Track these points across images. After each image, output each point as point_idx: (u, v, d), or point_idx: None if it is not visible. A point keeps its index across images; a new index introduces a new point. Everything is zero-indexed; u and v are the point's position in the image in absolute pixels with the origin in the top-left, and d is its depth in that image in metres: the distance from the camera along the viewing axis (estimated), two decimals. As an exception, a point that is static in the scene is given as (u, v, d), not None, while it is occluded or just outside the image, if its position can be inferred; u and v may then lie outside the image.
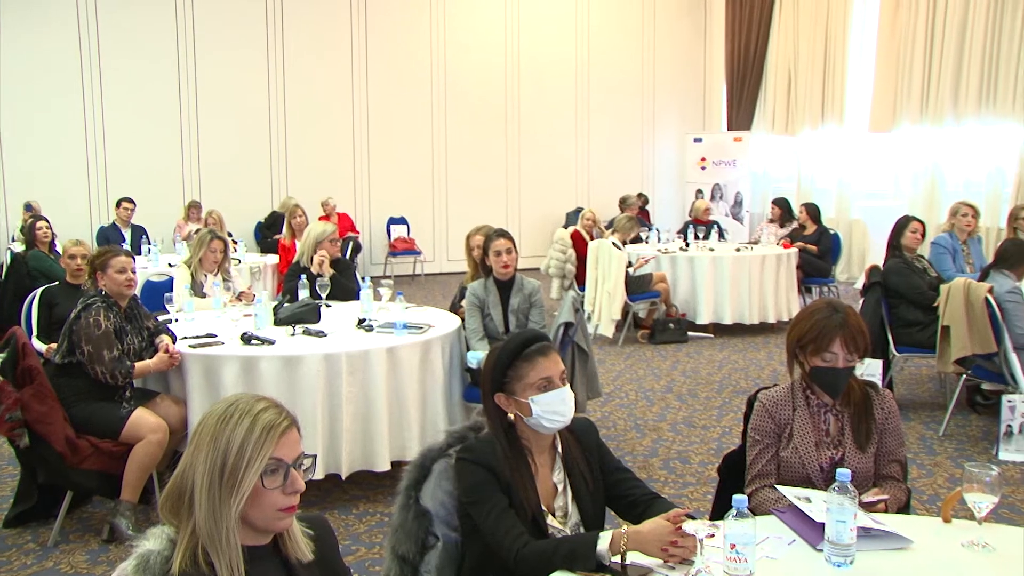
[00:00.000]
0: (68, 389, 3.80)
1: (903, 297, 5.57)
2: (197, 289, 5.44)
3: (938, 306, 5.17)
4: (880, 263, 5.92)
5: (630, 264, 7.96)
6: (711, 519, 2.57)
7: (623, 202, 11.27)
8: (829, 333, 2.44)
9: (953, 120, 10.10)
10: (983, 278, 5.18)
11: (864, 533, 2.00)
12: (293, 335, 4.33)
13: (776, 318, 8.24)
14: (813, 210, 9.27)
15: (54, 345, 4.20)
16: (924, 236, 5.97)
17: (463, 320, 4.78)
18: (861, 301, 5.75)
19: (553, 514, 2.22)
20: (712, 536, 2.01)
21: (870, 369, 4.88)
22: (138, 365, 3.90)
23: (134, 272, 4.03)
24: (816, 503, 2.14)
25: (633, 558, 1.94)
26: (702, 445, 5.13)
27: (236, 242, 8.32)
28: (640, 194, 12.34)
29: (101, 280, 3.94)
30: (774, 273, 8.21)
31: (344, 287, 5.45)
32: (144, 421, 3.80)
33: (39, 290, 5.30)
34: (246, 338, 4.14)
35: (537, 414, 2.17)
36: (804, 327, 2.51)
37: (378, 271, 12.14)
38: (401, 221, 12.37)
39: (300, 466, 1.60)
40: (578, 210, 11.69)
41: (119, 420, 3.78)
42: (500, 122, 13.09)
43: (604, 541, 1.95)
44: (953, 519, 2.17)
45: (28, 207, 9.37)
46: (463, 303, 4.92)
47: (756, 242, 9.34)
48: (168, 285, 5.59)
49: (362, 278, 5.41)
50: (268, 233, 10.97)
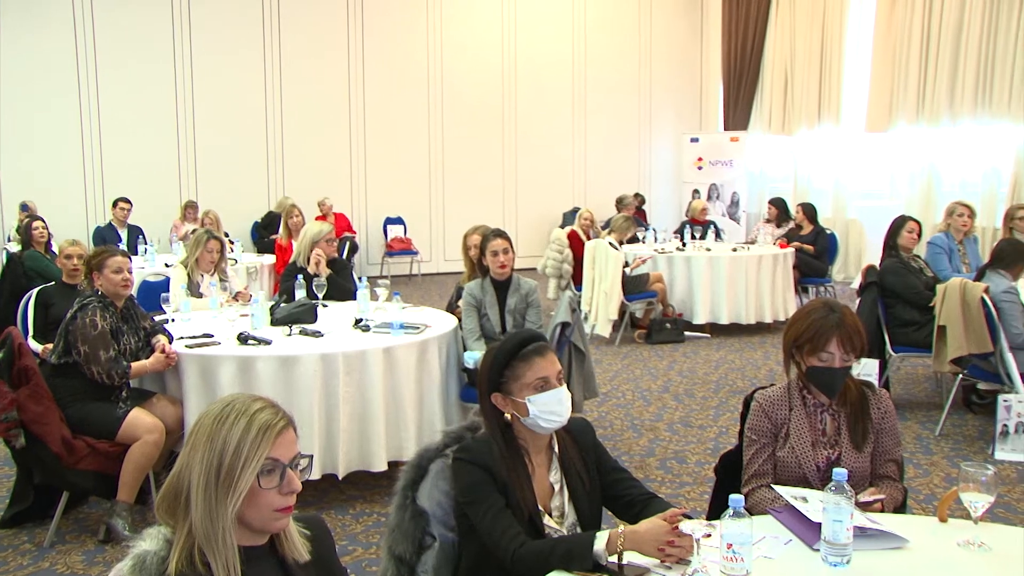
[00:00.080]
0: (64, 389, 3.79)
1: (899, 297, 5.58)
2: (193, 289, 5.43)
3: (934, 306, 5.18)
4: (876, 263, 5.92)
5: (627, 264, 7.96)
6: (708, 519, 2.57)
7: (620, 202, 11.28)
8: (825, 333, 2.44)
9: (949, 120, 10.11)
10: (979, 278, 5.18)
11: (860, 533, 2.00)
12: (290, 335, 4.33)
13: (773, 318, 8.24)
14: (809, 210, 9.28)
15: (50, 345, 4.20)
16: (920, 236, 5.98)
17: (460, 320, 4.78)
18: (857, 301, 5.76)
19: (550, 514, 2.22)
20: (709, 536, 2.01)
21: (866, 369, 4.90)
22: (134, 365, 3.90)
23: (130, 272, 4.03)
24: (812, 503, 2.14)
25: (630, 558, 1.94)
26: (699, 445, 5.13)
27: (233, 242, 8.31)
28: (637, 194, 12.35)
29: (97, 280, 3.93)
30: (771, 273, 8.21)
31: (341, 287, 5.44)
32: (140, 421, 3.79)
33: (35, 290, 5.29)
34: (243, 338, 4.14)
35: (534, 414, 2.17)
36: (800, 327, 2.51)
37: (375, 271, 12.13)
38: (398, 221, 12.36)
39: (296, 466, 1.60)
40: (575, 210, 11.69)
41: (115, 420, 3.77)
42: (497, 122, 13.09)
43: (601, 541, 1.95)
44: (949, 518, 2.17)
45: (24, 207, 9.35)
46: (460, 303, 4.92)
47: (753, 242, 9.35)
48: (164, 285, 5.58)
49: (359, 278, 5.41)
50: (265, 233, 10.96)
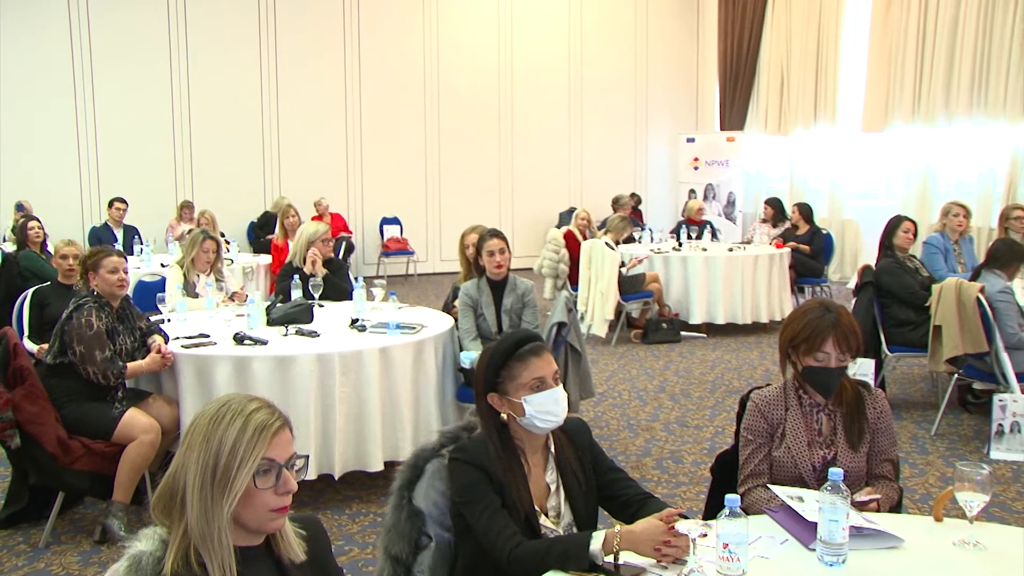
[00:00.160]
0: (60, 390, 3.78)
1: (895, 297, 5.59)
2: (189, 289, 5.42)
3: (930, 306, 5.19)
4: (872, 263, 5.93)
5: (623, 264, 7.97)
6: (704, 519, 2.57)
7: (616, 202, 11.27)
8: (822, 333, 2.45)
9: (945, 120, 10.13)
10: (974, 278, 5.19)
11: (856, 532, 2.00)
12: (286, 335, 4.32)
13: (769, 318, 8.25)
14: (806, 210, 9.30)
15: (46, 346, 4.19)
16: (916, 236, 5.99)
17: (456, 320, 4.78)
18: (853, 301, 5.77)
19: (546, 514, 2.22)
20: (705, 536, 2.01)
21: (862, 369, 4.90)
22: (130, 365, 3.89)
23: (126, 272, 4.02)
24: (808, 502, 2.15)
25: (626, 558, 1.94)
26: (695, 445, 5.14)
27: (229, 242, 8.30)
28: (633, 194, 12.34)
29: (93, 280, 3.92)
30: (767, 273, 8.22)
31: (337, 287, 5.44)
32: (136, 422, 3.79)
33: (30, 290, 5.29)
34: (239, 338, 4.13)
35: (530, 414, 2.17)
36: (797, 327, 2.52)
37: (371, 271, 12.13)
38: (394, 221, 12.36)
39: (292, 466, 1.60)
40: (571, 210, 11.69)
41: (111, 421, 3.76)
42: (493, 122, 13.08)
43: (597, 541, 1.95)
44: (945, 518, 2.18)
45: (20, 207, 9.32)
46: (456, 303, 4.92)
47: (749, 242, 9.35)
48: (160, 285, 5.57)
49: (355, 278, 5.41)
50: (261, 233, 10.94)
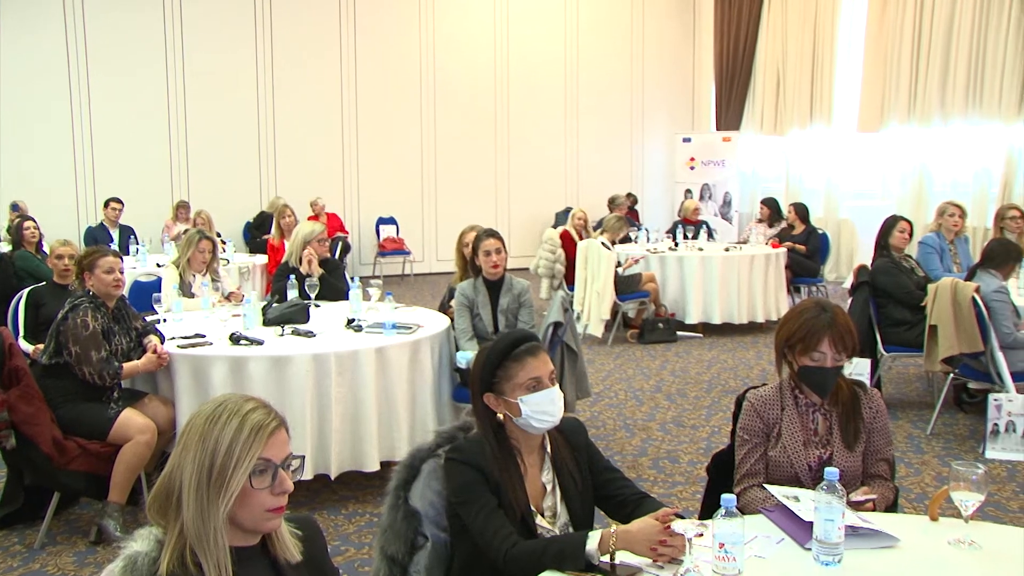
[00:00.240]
0: (55, 390, 3.77)
1: (891, 296, 5.60)
2: (185, 289, 5.41)
3: (926, 306, 5.20)
4: (868, 263, 5.94)
5: (619, 264, 7.97)
6: (700, 518, 2.57)
7: (612, 202, 11.28)
8: (817, 332, 2.45)
9: (940, 120, 10.16)
10: (970, 278, 5.21)
11: (852, 532, 2.00)
12: (282, 335, 4.32)
13: (765, 318, 8.26)
14: (801, 210, 9.31)
15: (41, 346, 4.18)
16: (912, 236, 6.00)
17: (452, 320, 4.78)
18: (849, 301, 5.78)
19: (542, 514, 2.22)
20: (701, 535, 2.01)
21: (858, 368, 4.90)
22: (126, 366, 3.88)
23: (122, 272, 4.01)
24: (804, 502, 2.15)
25: (622, 557, 1.94)
26: (691, 444, 5.14)
27: (225, 242, 8.29)
28: (629, 194, 12.35)
29: (89, 280, 3.92)
30: (763, 273, 8.23)
31: (333, 287, 5.44)
32: (132, 422, 3.78)
33: (26, 290, 5.27)
34: (235, 338, 4.13)
35: (526, 414, 2.17)
36: (792, 327, 2.52)
37: (367, 271, 12.11)
38: (390, 221, 12.35)
39: (288, 466, 1.59)
40: (567, 210, 11.69)
41: (107, 421, 3.76)
42: (489, 122, 13.08)
43: (593, 541, 1.95)
44: (940, 517, 2.18)
45: (15, 207, 9.30)
46: (452, 303, 4.92)
47: (745, 242, 9.36)
48: (156, 285, 5.56)
49: (351, 278, 5.40)
50: (257, 233, 10.94)
